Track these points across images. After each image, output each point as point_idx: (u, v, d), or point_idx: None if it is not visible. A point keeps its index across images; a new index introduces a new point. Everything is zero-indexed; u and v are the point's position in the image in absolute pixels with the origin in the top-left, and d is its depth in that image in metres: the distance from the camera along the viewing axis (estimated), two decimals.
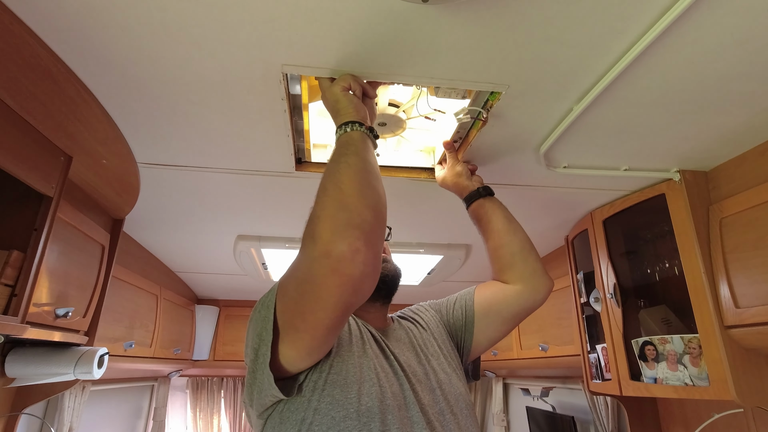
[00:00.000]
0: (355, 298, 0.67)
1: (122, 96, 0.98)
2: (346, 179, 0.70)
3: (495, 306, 1.03)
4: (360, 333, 0.86)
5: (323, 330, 0.69)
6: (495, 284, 1.07)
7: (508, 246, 1.05)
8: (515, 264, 1.04)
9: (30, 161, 1.00)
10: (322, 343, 0.73)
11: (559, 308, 1.99)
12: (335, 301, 0.65)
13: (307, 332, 0.70)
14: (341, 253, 0.63)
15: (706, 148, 1.19)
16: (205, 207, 1.57)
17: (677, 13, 0.72)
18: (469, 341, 1.02)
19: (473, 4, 0.72)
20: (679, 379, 1.25)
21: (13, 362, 1.31)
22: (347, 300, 0.66)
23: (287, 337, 0.71)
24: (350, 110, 0.83)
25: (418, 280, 2.52)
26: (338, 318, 0.68)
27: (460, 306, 1.05)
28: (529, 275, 1.03)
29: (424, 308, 1.08)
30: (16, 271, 1.01)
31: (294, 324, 0.70)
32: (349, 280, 0.64)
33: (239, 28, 0.78)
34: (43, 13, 0.75)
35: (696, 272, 1.23)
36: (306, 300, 0.67)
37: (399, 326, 0.98)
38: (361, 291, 0.67)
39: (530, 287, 1.03)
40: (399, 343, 0.91)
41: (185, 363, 2.82)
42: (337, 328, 0.72)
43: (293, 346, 0.71)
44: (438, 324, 1.03)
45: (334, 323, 0.69)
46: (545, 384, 2.64)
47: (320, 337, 0.70)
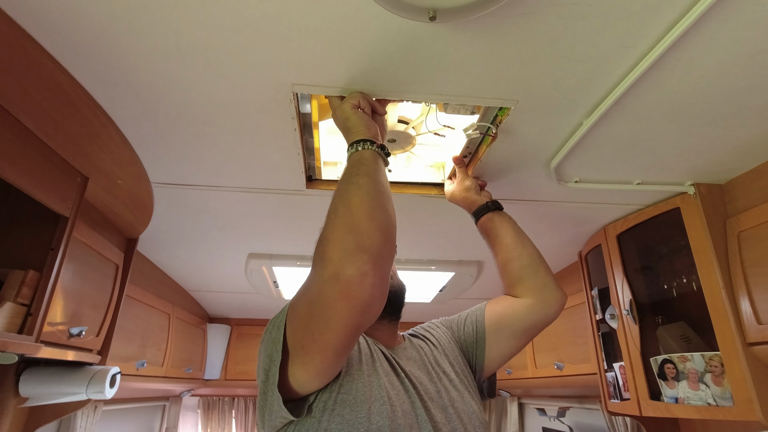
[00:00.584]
0: (364, 320, 0.67)
1: (137, 118, 1.01)
2: (357, 200, 0.71)
3: (506, 321, 1.01)
4: (370, 351, 0.85)
5: (333, 351, 0.69)
6: (506, 299, 1.05)
7: (518, 259, 1.04)
8: (525, 277, 1.03)
9: (47, 182, 1.02)
10: (332, 364, 0.72)
11: (574, 325, 1.95)
12: (345, 324, 0.65)
13: (317, 353, 0.69)
14: (350, 277, 0.63)
15: (721, 161, 1.17)
16: (217, 225, 1.58)
17: (685, 26, 0.72)
18: (482, 358, 1.01)
19: (480, 21, 0.73)
20: (701, 398, 1.21)
21: (27, 382, 1.31)
22: (356, 322, 0.66)
23: (297, 358, 0.71)
24: (361, 128, 0.83)
25: (430, 298, 2.49)
26: (348, 339, 0.68)
27: (471, 322, 1.04)
28: (540, 288, 1.02)
29: (436, 325, 1.07)
30: (32, 291, 1.03)
31: (304, 345, 0.70)
32: (358, 303, 0.64)
33: (250, 50, 0.80)
34: (64, 41, 0.78)
35: (715, 287, 1.20)
36: (315, 321, 0.67)
37: (410, 344, 0.97)
38: (370, 313, 0.67)
39: (541, 301, 1.01)
40: (410, 361, 0.90)
41: (197, 382, 2.81)
42: (346, 350, 0.71)
43: (303, 367, 0.71)
44: (450, 341, 1.02)
45: (343, 344, 0.69)
46: (562, 404, 2.57)
47: (330, 358, 0.70)
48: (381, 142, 0.85)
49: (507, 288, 1.07)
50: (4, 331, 0.94)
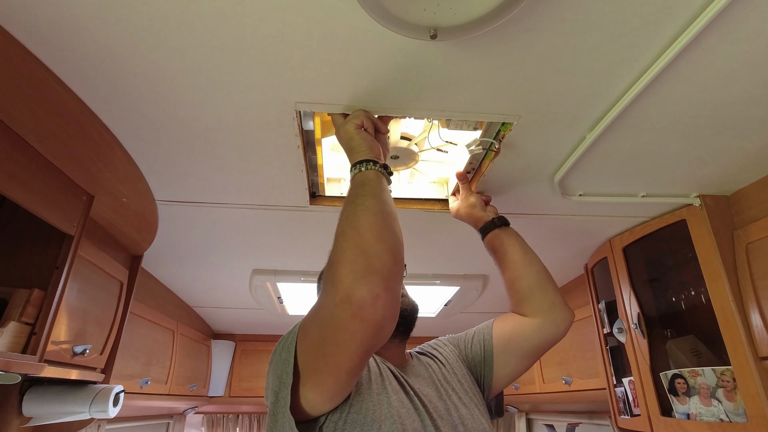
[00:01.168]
0: (377, 341, 0.67)
1: (143, 137, 1.02)
2: (365, 223, 0.71)
3: (514, 340, 1.00)
4: (379, 370, 0.84)
5: (346, 373, 0.68)
6: (513, 317, 1.04)
7: (525, 278, 1.03)
8: (533, 296, 1.02)
9: (53, 201, 1.03)
10: (344, 386, 0.71)
11: (581, 339, 1.93)
12: (357, 345, 0.65)
13: (330, 375, 0.69)
14: (362, 300, 0.62)
15: (726, 172, 1.17)
16: (221, 242, 1.59)
17: (686, 40, 0.72)
18: (490, 376, 0.99)
19: (481, 38, 0.74)
20: (713, 414, 1.18)
21: (31, 401, 1.30)
22: (369, 343, 0.66)
23: (309, 380, 0.70)
24: (364, 148, 0.84)
25: (435, 312, 2.47)
26: (360, 360, 0.68)
27: (478, 341, 1.02)
28: (548, 308, 1.00)
29: (443, 343, 1.06)
30: (37, 310, 1.03)
31: (316, 367, 0.69)
32: (370, 325, 0.64)
33: (254, 71, 0.81)
34: (71, 63, 0.79)
35: (724, 300, 1.18)
36: (328, 344, 0.67)
37: (418, 362, 0.96)
38: (382, 334, 0.66)
39: (550, 320, 1.00)
40: (419, 379, 0.89)
41: (201, 400, 2.78)
42: (359, 371, 0.71)
43: (316, 389, 0.70)
44: (457, 359, 1.01)
45: (356, 365, 0.68)
46: (570, 420, 2.52)
47: (342, 380, 0.69)
48: (383, 161, 0.85)
49: (514, 306, 1.05)
50: (7, 351, 0.94)
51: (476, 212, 1.14)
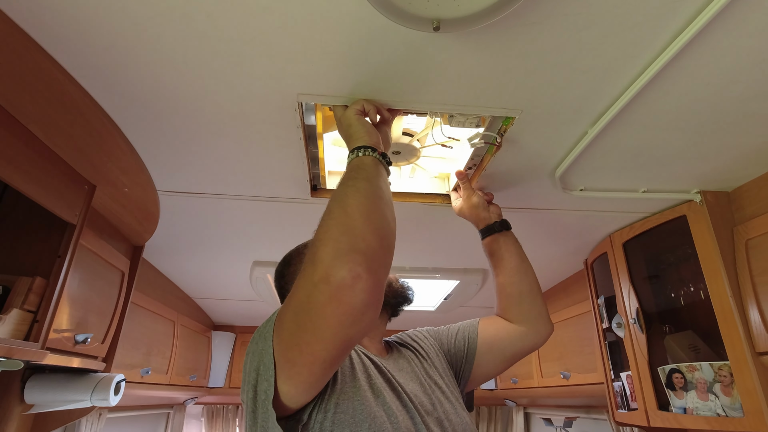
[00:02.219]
0: (355, 331, 0.62)
1: (144, 127, 1.02)
2: (353, 203, 0.68)
3: (498, 343, 1.02)
4: (363, 365, 0.81)
5: (321, 364, 0.64)
6: (499, 321, 1.06)
7: (518, 285, 1.05)
8: (523, 304, 1.05)
9: (56, 190, 1.03)
10: (320, 377, 0.67)
11: (580, 334, 1.94)
12: (333, 333, 0.61)
13: (304, 366, 0.64)
14: (341, 279, 0.58)
15: (727, 168, 1.17)
16: (222, 233, 1.59)
17: (689, 36, 0.72)
18: (468, 373, 1.01)
19: (484, 31, 0.74)
20: (710, 409, 1.19)
21: (32, 388, 1.32)
22: (346, 333, 0.61)
23: (283, 372, 0.65)
24: (363, 135, 0.81)
25: (435, 306, 2.48)
26: (337, 352, 0.64)
27: (462, 337, 1.04)
28: (535, 318, 1.04)
29: (423, 336, 1.05)
30: (39, 298, 1.03)
31: (290, 358, 0.65)
32: (349, 310, 0.59)
33: (256, 61, 0.81)
34: (74, 52, 0.79)
35: (723, 296, 1.19)
36: (303, 331, 0.63)
37: (399, 354, 0.95)
38: (361, 323, 0.61)
39: (534, 330, 1.04)
40: (403, 373, 0.88)
41: (201, 390, 2.80)
42: (335, 363, 0.67)
43: (290, 381, 0.66)
44: (438, 353, 1.01)
45: (332, 357, 0.64)
46: (568, 414, 2.54)
47: (317, 372, 0.65)
48: (383, 150, 0.82)
49: (502, 310, 1.08)
50: (10, 338, 0.95)
51: (480, 213, 1.14)
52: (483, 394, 3.11)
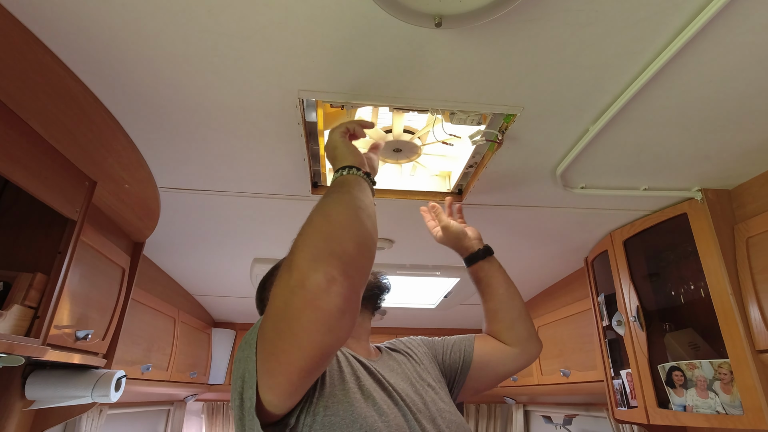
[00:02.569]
0: (331, 339, 0.61)
1: (145, 123, 1.01)
2: (334, 212, 0.68)
3: (493, 362, 1.04)
4: (352, 368, 0.81)
5: (298, 374, 0.63)
6: (494, 341, 1.08)
7: (509, 311, 1.07)
8: (515, 327, 1.07)
9: (56, 186, 1.03)
10: (299, 387, 0.66)
11: (580, 332, 1.94)
12: (310, 340, 0.60)
13: (282, 376, 0.63)
14: (316, 284, 0.58)
15: (729, 166, 1.16)
16: (222, 230, 1.59)
17: (692, 33, 0.72)
18: (460, 386, 1.03)
19: (486, 28, 0.73)
20: (710, 406, 1.20)
21: (33, 384, 1.32)
22: (323, 340, 0.60)
23: (263, 381, 0.65)
24: (347, 155, 0.82)
25: (435, 303, 2.49)
26: (314, 361, 0.62)
27: (458, 350, 1.05)
28: (526, 340, 1.07)
29: (417, 343, 1.05)
30: (40, 294, 1.03)
31: (269, 368, 0.64)
32: (324, 315, 0.59)
33: (257, 57, 0.81)
34: (75, 48, 0.79)
35: (723, 294, 1.19)
36: (281, 339, 0.62)
37: (390, 357, 0.95)
38: (338, 330, 0.60)
39: (526, 351, 1.06)
40: (393, 373, 0.88)
41: (201, 387, 2.81)
42: (313, 372, 0.65)
43: (270, 391, 0.65)
44: (431, 361, 1.02)
45: (310, 366, 0.63)
46: (568, 411, 2.55)
47: (296, 381, 0.64)
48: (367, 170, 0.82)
49: (494, 333, 1.09)
50: (11, 334, 0.95)
51: (462, 242, 1.14)
52: None
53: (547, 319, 2.27)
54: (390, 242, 1.69)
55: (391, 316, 2.87)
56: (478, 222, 1.50)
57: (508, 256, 1.84)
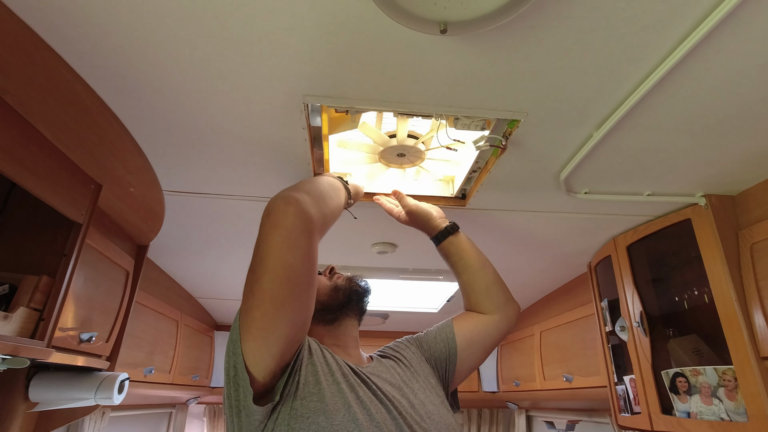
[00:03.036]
0: (293, 258, 0.73)
1: (151, 127, 1.02)
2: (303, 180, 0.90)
3: (477, 337, 1.06)
4: (339, 366, 0.83)
5: (271, 302, 0.71)
6: (472, 315, 1.11)
7: (484, 279, 1.11)
8: (491, 295, 1.10)
9: (62, 189, 1.04)
10: (273, 321, 0.72)
11: (583, 337, 1.94)
12: (275, 258, 0.72)
13: (257, 309, 0.71)
14: (277, 209, 0.75)
15: (733, 172, 1.16)
16: (226, 233, 1.60)
17: (696, 39, 0.72)
18: (452, 373, 1.04)
19: (490, 34, 0.74)
20: (714, 413, 1.19)
21: (37, 386, 1.32)
22: (286, 259, 0.72)
23: (243, 330, 0.72)
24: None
25: (438, 308, 2.48)
26: (282, 285, 0.72)
27: (442, 339, 1.06)
28: (504, 304, 1.10)
29: (404, 345, 1.06)
30: (45, 296, 1.04)
31: (246, 309, 0.73)
32: (284, 232, 0.73)
33: (263, 62, 0.82)
34: (82, 52, 0.80)
35: (727, 300, 1.19)
36: (253, 272, 0.74)
37: (379, 363, 0.96)
38: (297, 249, 0.73)
39: (505, 315, 1.10)
40: (380, 378, 0.88)
41: (203, 390, 2.81)
42: (285, 304, 0.72)
43: (249, 335, 0.72)
44: (420, 360, 1.02)
45: (279, 291, 0.72)
46: (571, 417, 2.54)
47: (269, 311, 0.71)
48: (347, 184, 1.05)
49: (472, 305, 1.12)
50: (16, 336, 0.95)
51: (432, 222, 1.17)
52: (484, 396, 3.11)
53: (550, 324, 2.26)
54: (393, 246, 1.69)
55: (393, 320, 2.87)
56: (481, 226, 1.51)
57: (511, 260, 1.84)
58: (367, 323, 2.94)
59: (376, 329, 3.16)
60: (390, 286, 2.15)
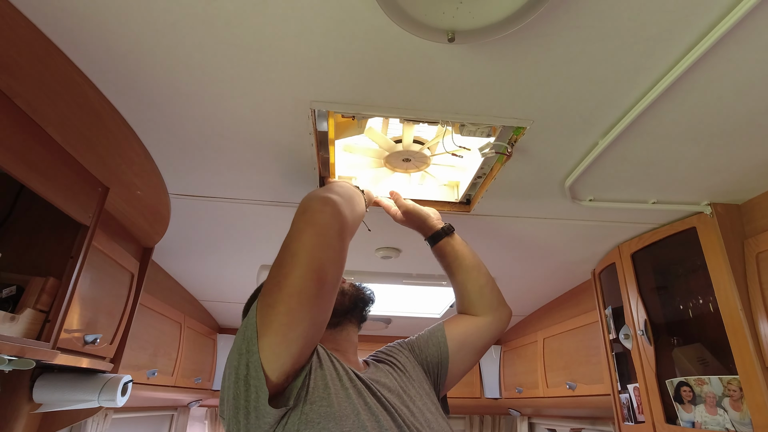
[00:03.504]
0: (325, 257, 0.73)
1: (159, 131, 1.03)
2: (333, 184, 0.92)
3: (469, 339, 1.07)
4: (345, 371, 0.83)
5: (297, 297, 0.70)
6: (464, 318, 1.11)
7: (477, 279, 1.11)
8: (484, 296, 1.10)
9: (70, 192, 1.05)
10: (297, 319, 0.70)
11: (587, 344, 1.93)
12: (308, 255, 0.71)
13: (283, 303, 0.70)
14: (313, 207, 0.77)
15: (738, 180, 1.16)
16: (230, 237, 1.60)
17: (704, 49, 0.72)
18: (444, 377, 1.04)
19: (498, 42, 0.74)
20: (719, 423, 1.18)
21: (42, 388, 1.33)
22: (319, 257, 0.72)
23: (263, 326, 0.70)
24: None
25: (440, 313, 2.48)
26: (311, 284, 0.70)
27: (434, 344, 1.06)
28: (497, 306, 1.11)
29: (397, 349, 1.06)
30: (51, 298, 1.04)
31: (269, 302, 0.71)
32: (320, 230, 0.74)
33: (271, 68, 0.82)
34: (93, 56, 0.81)
35: (733, 309, 1.18)
36: (281, 266, 0.72)
37: (376, 369, 0.96)
38: (330, 248, 0.74)
39: (498, 317, 1.10)
40: (380, 385, 0.88)
41: (205, 393, 2.81)
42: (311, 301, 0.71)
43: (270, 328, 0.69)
44: (414, 365, 1.02)
45: (307, 289, 0.70)
46: (573, 425, 2.52)
47: (295, 307, 0.70)
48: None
49: (465, 306, 1.12)
50: (23, 337, 0.96)
51: (428, 223, 1.18)
52: (487, 402, 3.09)
53: (554, 331, 2.25)
54: (397, 251, 1.69)
55: (396, 325, 2.86)
56: (485, 232, 1.51)
57: (515, 266, 1.84)
58: (369, 328, 2.94)
59: (378, 334, 3.15)
60: (393, 291, 2.15)
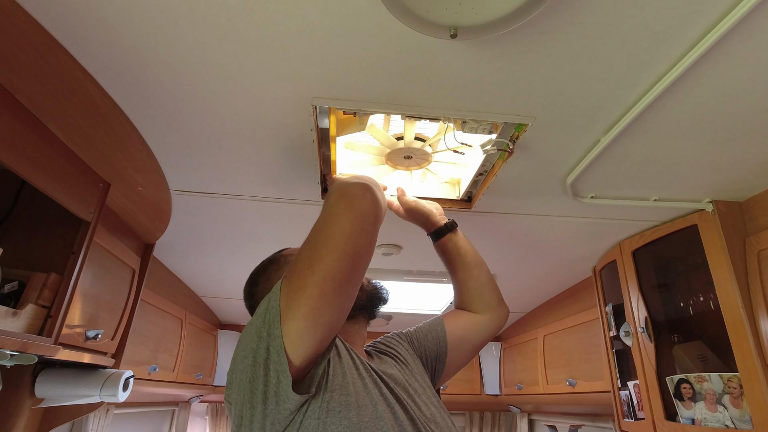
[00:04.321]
0: (362, 242, 0.72)
1: (161, 127, 1.03)
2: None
3: (468, 335, 1.08)
4: (361, 362, 0.83)
5: (331, 281, 0.68)
6: (463, 314, 1.11)
7: (478, 277, 1.11)
8: (484, 294, 1.11)
9: (72, 187, 1.05)
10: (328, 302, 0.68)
11: (587, 341, 1.93)
12: (346, 239, 0.70)
13: (315, 286, 0.67)
14: (355, 191, 0.76)
15: (740, 178, 1.16)
16: (231, 233, 1.60)
17: (706, 46, 0.72)
18: (441, 371, 1.05)
19: (500, 39, 0.74)
20: (719, 420, 1.18)
21: (43, 383, 1.33)
22: (355, 242, 0.71)
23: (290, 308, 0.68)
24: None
25: (441, 309, 2.48)
26: (346, 268, 0.69)
27: (433, 338, 1.06)
28: (496, 304, 1.11)
29: (397, 341, 1.05)
30: (53, 293, 1.05)
31: (300, 285, 0.68)
32: (359, 214, 0.73)
33: (273, 64, 0.82)
34: (95, 53, 0.81)
35: (734, 307, 1.18)
36: (316, 249, 0.70)
37: (381, 360, 0.96)
38: (366, 234, 0.73)
39: (496, 315, 1.11)
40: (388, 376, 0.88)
41: (206, 388, 2.82)
42: (344, 285, 0.70)
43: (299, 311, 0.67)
44: (414, 357, 1.02)
45: (341, 273, 0.69)
46: (573, 421, 2.53)
47: (327, 289, 0.68)
48: None
49: (465, 303, 1.13)
50: (25, 333, 0.96)
51: (432, 218, 1.17)
52: (487, 399, 3.10)
53: (554, 328, 2.26)
54: (398, 248, 1.69)
55: (396, 321, 2.87)
56: (486, 229, 1.51)
57: (516, 263, 1.84)
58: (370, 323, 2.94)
59: (379, 329, 3.16)
60: (394, 288, 2.16)
